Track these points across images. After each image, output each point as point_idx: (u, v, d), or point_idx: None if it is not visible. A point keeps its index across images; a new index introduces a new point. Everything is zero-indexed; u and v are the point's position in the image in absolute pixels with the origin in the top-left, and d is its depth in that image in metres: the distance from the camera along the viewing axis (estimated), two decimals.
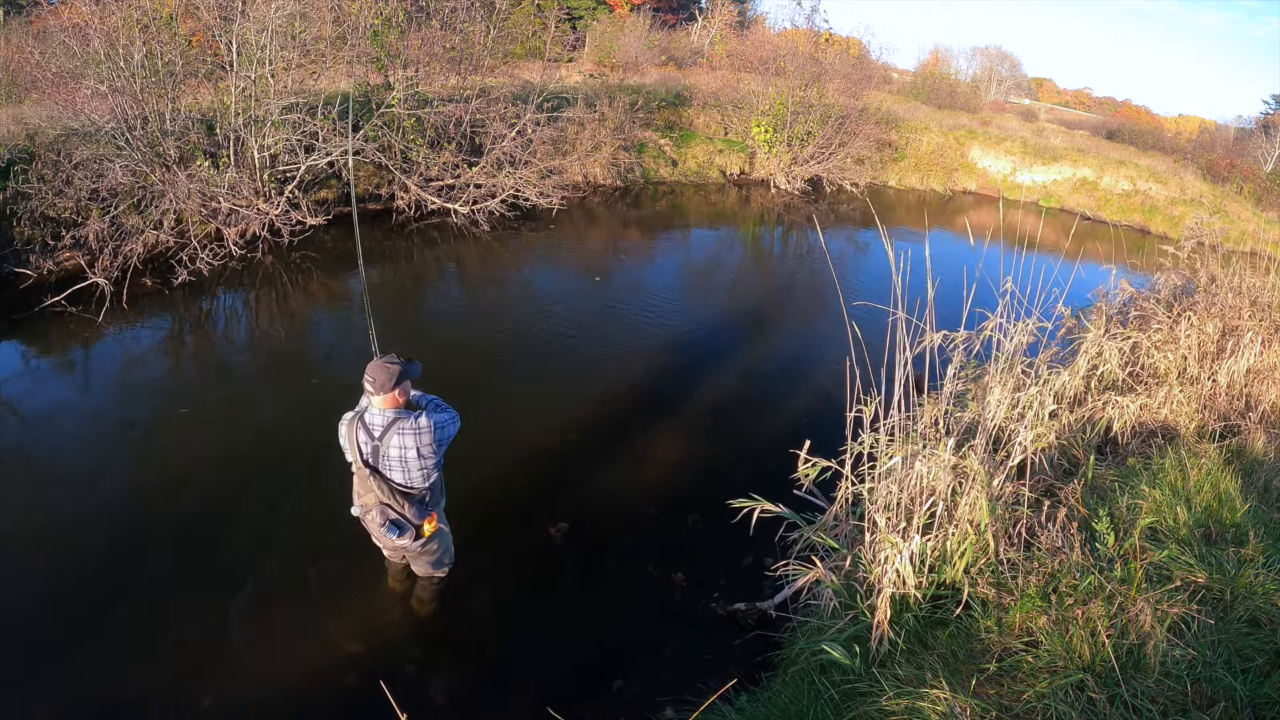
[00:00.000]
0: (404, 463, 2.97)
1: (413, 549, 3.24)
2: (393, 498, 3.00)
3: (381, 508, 3.02)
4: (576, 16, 24.40)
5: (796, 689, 2.94)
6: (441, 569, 3.58)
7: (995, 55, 39.86)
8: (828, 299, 9.21)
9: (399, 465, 2.98)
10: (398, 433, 2.94)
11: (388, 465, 2.98)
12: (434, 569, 3.54)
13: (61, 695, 3.12)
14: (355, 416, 3.02)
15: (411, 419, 2.96)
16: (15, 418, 5.00)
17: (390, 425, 2.94)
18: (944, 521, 3.09)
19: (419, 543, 3.18)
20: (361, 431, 2.97)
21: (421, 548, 3.26)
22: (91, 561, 3.77)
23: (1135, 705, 2.31)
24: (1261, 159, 23.84)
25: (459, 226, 9.89)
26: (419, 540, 3.17)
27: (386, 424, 2.94)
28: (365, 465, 2.98)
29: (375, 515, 3.03)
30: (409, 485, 3.03)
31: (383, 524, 3.02)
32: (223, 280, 7.47)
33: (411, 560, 3.51)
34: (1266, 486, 3.75)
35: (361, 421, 2.98)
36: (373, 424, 2.96)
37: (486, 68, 11.41)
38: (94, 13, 7.57)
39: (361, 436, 2.97)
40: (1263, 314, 5.40)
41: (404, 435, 2.94)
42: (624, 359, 6.65)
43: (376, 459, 2.97)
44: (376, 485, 2.98)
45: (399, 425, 2.94)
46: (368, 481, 2.99)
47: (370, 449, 2.97)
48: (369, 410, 2.97)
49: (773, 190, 14.94)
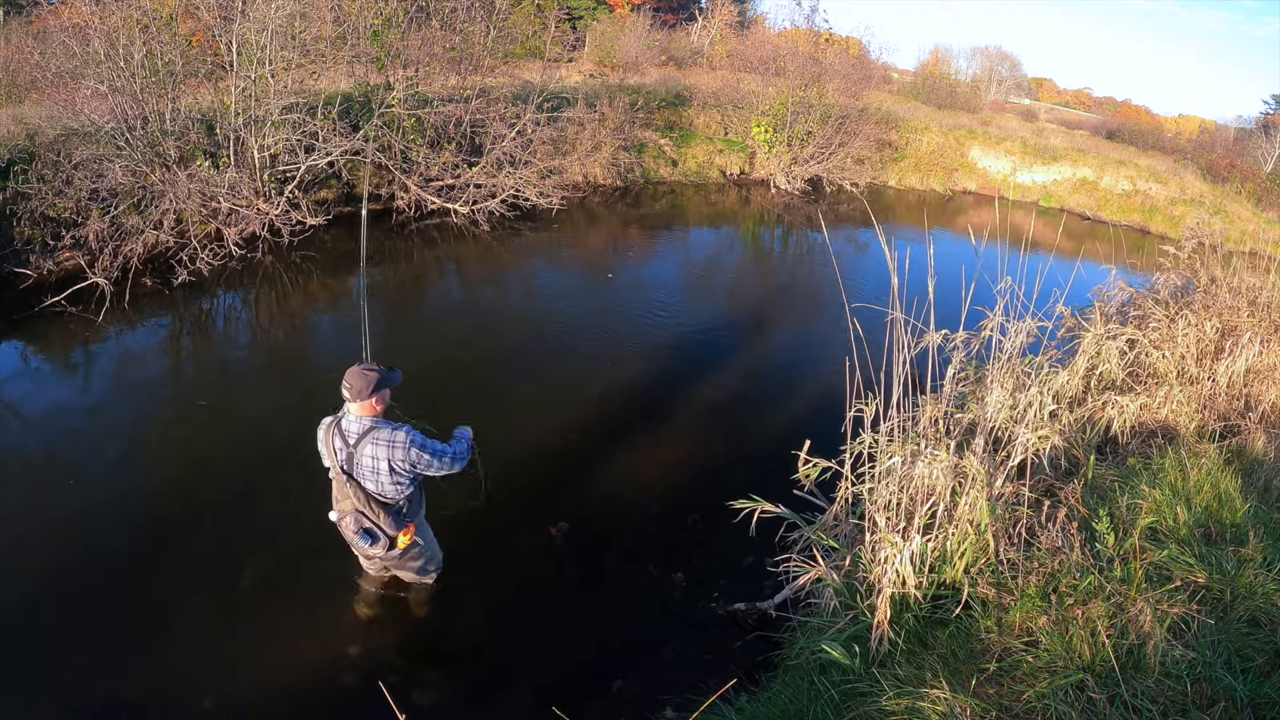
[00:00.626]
0: (376, 473, 2.94)
1: (387, 559, 3.19)
2: (367, 505, 2.97)
3: (356, 515, 2.99)
4: (576, 16, 24.40)
5: (796, 689, 2.94)
6: (429, 575, 3.55)
7: (995, 55, 39.90)
8: (828, 299, 9.21)
9: (371, 475, 2.95)
10: (371, 442, 2.91)
11: (361, 473, 2.96)
12: (420, 575, 3.52)
13: (61, 695, 3.12)
14: (334, 422, 3.00)
15: (388, 429, 2.92)
16: (15, 418, 5.00)
17: (365, 433, 2.91)
18: (944, 521, 3.09)
19: (394, 553, 3.12)
20: (338, 438, 2.95)
21: (399, 558, 3.21)
22: (91, 561, 3.77)
23: (1135, 705, 2.31)
24: (1261, 159, 23.85)
25: (459, 226, 9.89)
26: (393, 550, 3.10)
27: (362, 432, 2.91)
28: (341, 471, 2.97)
29: (349, 522, 3.00)
30: (382, 494, 3.01)
31: (356, 531, 3.00)
32: (223, 280, 7.47)
33: (395, 569, 3.48)
34: (1266, 486, 3.75)
35: (338, 427, 2.96)
36: (348, 430, 2.94)
37: (486, 68, 11.41)
38: (94, 13, 7.57)
39: (337, 443, 2.95)
40: (1262, 314, 5.40)
41: (378, 445, 2.91)
42: (624, 359, 6.65)
43: (351, 466, 2.95)
44: (352, 492, 2.96)
45: (374, 434, 2.91)
46: (344, 488, 2.97)
47: (345, 456, 2.94)
48: (345, 416, 2.95)
49: (773, 190, 14.95)
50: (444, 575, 3.76)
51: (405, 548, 3.12)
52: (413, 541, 3.14)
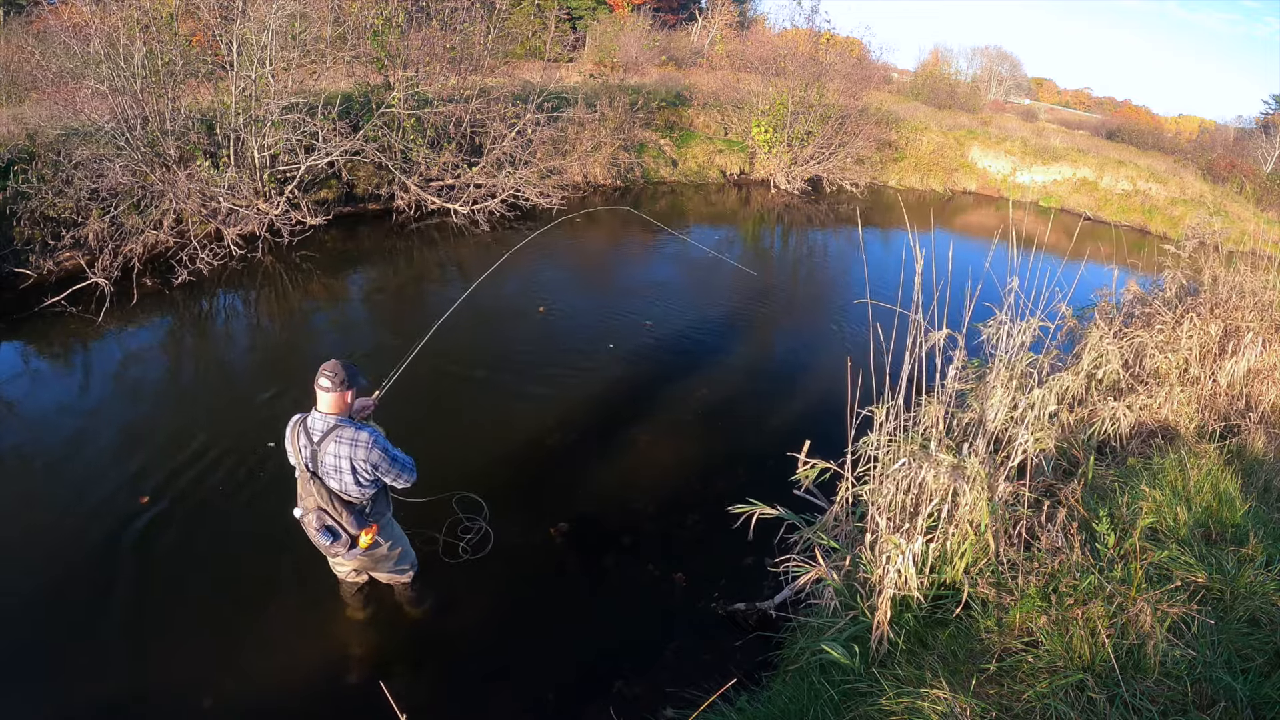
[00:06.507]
0: (339, 471, 2.95)
1: (347, 557, 3.19)
2: (330, 504, 2.97)
3: (318, 512, 2.99)
4: (576, 16, 24.41)
5: (796, 689, 2.94)
6: (405, 574, 3.54)
7: (995, 55, 39.88)
8: (828, 299, 9.22)
9: (334, 473, 2.96)
10: (335, 440, 2.91)
11: (324, 471, 2.96)
12: (396, 574, 3.52)
13: (61, 695, 3.12)
14: (301, 419, 3.00)
15: (351, 428, 2.92)
16: (15, 418, 5.00)
17: (330, 431, 2.91)
18: (944, 522, 3.09)
19: (353, 551, 3.11)
20: (302, 435, 2.96)
21: (361, 556, 3.20)
22: (91, 561, 3.77)
23: (1135, 705, 2.31)
24: (1261, 159, 23.85)
25: (459, 226, 9.89)
26: (354, 549, 3.10)
27: (326, 430, 2.91)
28: (306, 469, 2.97)
29: (312, 519, 3.01)
30: (345, 493, 3.01)
31: (318, 528, 3.00)
32: (223, 280, 7.47)
33: (370, 570, 3.48)
34: (1266, 486, 3.75)
35: (304, 424, 2.97)
36: (313, 428, 2.94)
37: (486, 68, 11.42)
38: (94, 13, 7.58)
39: (302, 440, 2.95)
40: (1263, 314, 5.40)
41: (340, 444, 2.91)
42: (624, 359, 6.65)
43: (315, 463, 2.95)
44: (315, 490, 2.96)
45: (338, 433, 2.91)
46: (308, 485, 2.98)
47: (309, 453, 2.94)
48: (312, 414, 2.96)
49: (773, 190, 14.94)
50: (445, 575, 3.76)
51: (367, 547, 3.12)
52: (374, 541, 3.13)
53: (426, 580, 3.71)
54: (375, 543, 3.15)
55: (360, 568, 3.45)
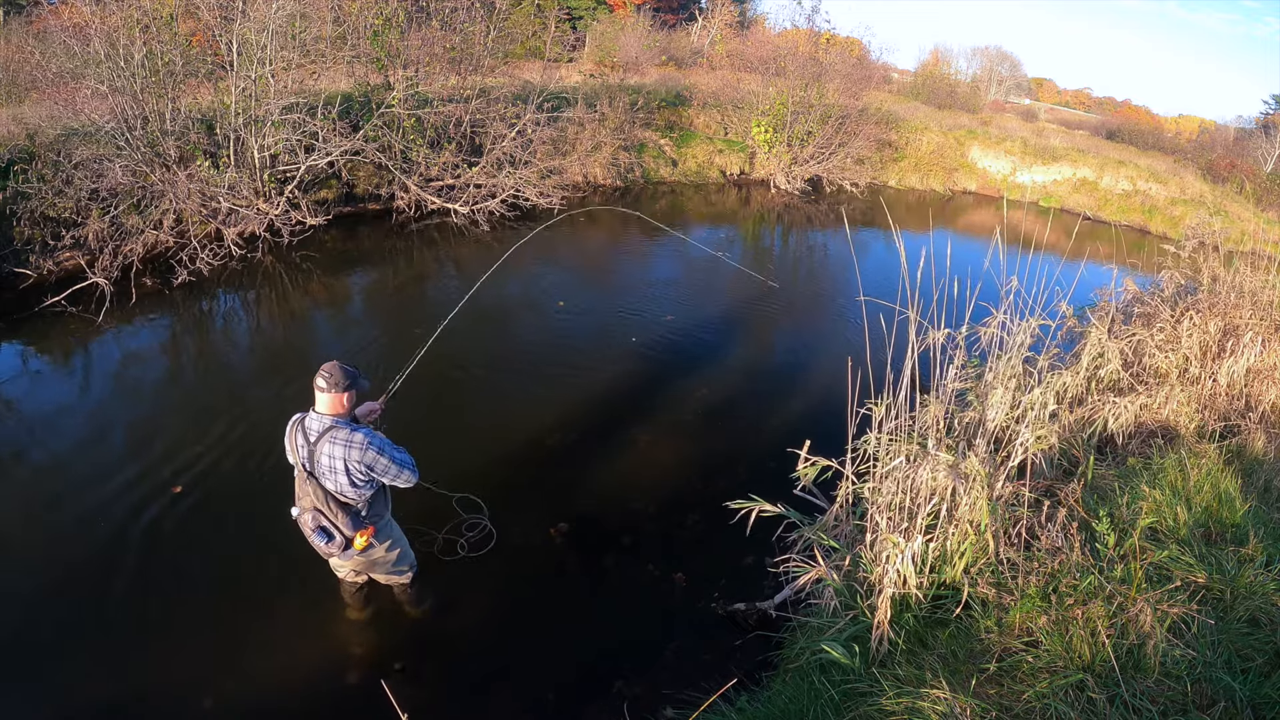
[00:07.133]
0: (334, 472, 2.94)
1: (342, 558, 3.19)
2: (326, 504, 2.97)
3: (314, 513, 2.99)
4: (576, 16, 24.41)
5: (796, 689, 2.94)
6: (404, 576, 3.54)
7: (995, 55, 39.89)
8: (828, 299, 9.21)
9: (330, 473, 2.95)
10: (330, 440, 2.90)
11: (320, 471, 2.96)
12: (395, 576, 3.51)
13: (61, 695, 3.12)
14: (300, 419, 3.00)
15: (346, 429, 2.91)
16: (15, 418, 5.00)
17: (325, 432, 2.90)
18: (944, 521, 3.09)
19: (348, 553, 3.10)
20: (300, 434, 2.96)
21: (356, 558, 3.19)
22: (91, 561, 3.77)
23: (1135, 705, 2.31)
24: (1261, 159, 23.85)
25: (459, 226, 9.89)
26: (349, 550, 3.09)
27: (322, 430, 2.91)
28: (303, 469, 2.97)
29: (307, 519, 3.01)
30: (341, 494, 3.00)
31: (313, 529, 3.00)
32: (223, 280, 7.47)
33: (369, 571, 3.48)
34: (1266, 486, 3.75)
35: (302, 424, 2.97)
36: (310, 428, 2.94)
37: (486, 68, 11.42)
38: (94, 13, 7.58)
39: (299, 439, 2.95)
40: (1263, 313, 5.41)
41: (335, 445, 2.90)
42: (624, 358, 6.65)
43: (312, 463, 2.95)
44: (311, 490, 2.95)
45: (333, 434, 2.90)
46: (305, 485, 2.98)
47: (306, 453, 2.94)
48: (310, 414, 2.96)
49: (773, 190, 14.94)
50: (444, 575, 3.76)
51: (362, 549, 3.11)
52: (369, 543, 3.12)
53: (426, 580, 3.71)
54: (371, 545, 3.14)
55: (359, 568, 3.45)
